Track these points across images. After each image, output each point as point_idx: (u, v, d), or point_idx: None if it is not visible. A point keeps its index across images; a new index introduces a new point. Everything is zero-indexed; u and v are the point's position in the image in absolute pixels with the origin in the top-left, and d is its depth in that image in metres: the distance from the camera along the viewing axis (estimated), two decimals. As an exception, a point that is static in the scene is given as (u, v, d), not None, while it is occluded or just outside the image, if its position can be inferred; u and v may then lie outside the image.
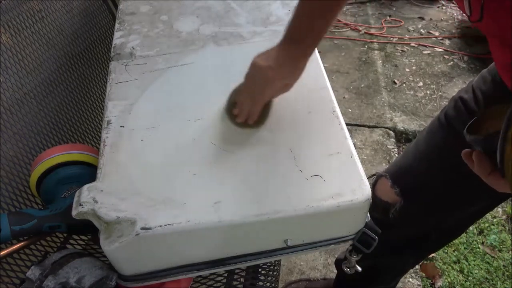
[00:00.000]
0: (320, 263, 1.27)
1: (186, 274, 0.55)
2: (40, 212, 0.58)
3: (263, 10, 0.81)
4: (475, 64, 2.09)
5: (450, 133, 0.65)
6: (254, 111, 0.57)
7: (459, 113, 0.65)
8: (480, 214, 0.76)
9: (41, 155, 0.65)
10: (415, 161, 0.72)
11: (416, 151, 0.72)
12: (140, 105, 0.63)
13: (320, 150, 0.55)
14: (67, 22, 0.95)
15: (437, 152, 0.68)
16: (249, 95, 0.57)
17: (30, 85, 0.81)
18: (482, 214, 0.77)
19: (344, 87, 1.99)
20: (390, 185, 0.72)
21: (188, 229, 0.48)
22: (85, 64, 1.00)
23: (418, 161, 0.71)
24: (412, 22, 2.49)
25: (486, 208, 0.73)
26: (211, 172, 0.54)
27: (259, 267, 0.73)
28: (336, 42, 2.34)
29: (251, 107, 0.57)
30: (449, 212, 0.72)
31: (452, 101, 0.67)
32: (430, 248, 0.88)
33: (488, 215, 1.40)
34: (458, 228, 0.80)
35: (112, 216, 0.49)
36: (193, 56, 0.71)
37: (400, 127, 1.75)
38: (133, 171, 0.54)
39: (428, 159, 0.70)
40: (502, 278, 1.25)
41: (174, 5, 0.84)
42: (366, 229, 0.56)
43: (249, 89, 0.57)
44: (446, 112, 0.67)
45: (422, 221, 0.75)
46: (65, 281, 0.50)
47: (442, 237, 0.81)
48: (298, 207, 0.50)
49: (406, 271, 1.00)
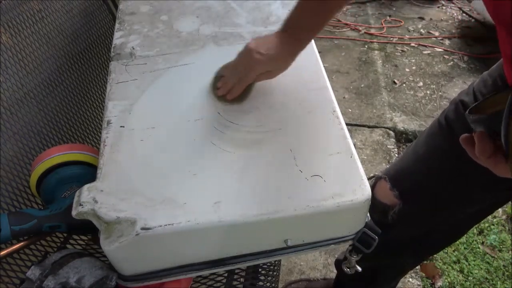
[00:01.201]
0: (320, 263, 1.28)
1: (186, 274, 0.55)
2: (40, 212, 0.58)
3: (263, 10, 0.81)
4: (475, 64, 2.09)
5: (450, 135, 0.65)
6: (235, 89, 0.61)
7: (459, 116, 0.64)
8: (480, 217, 0.76)
9: (41, 155, 0.65)
10: (414, 163, 0.72)
11: (416, 153, 0.72)
12: (140, 105, 0.63)
13: (320, 150, 0.55)
14: (67, 22, 0.95)
15: (436, 155, 0.68)
16: (235, 72, 0.61)
17: (30, 85, 0.81)
18: (482, 217, 0.77)
19: (344, 87, 1.99)
20: (389, 188, 0.72)
21: (188, 229, 0.48)
22: (85, 64, 1.00)
23: (417, 163, 0.71)
24: (412, 22, 2.49)
25: (485, 211, 0.73)
26: (211, 172, 0.54)
27: (259, 267, 0.73)
28: (336, 42, 2.34)
29: (233, 84, 0.61)
30: (448, 214, 0.72)
31: (452, 104, 0.67)
32: (430, 249, 0.88)
33: (488, 215, 1.40)
34: (458, 230, 0.80)
35: (112, 216, 0.49)
36: (193, 56, 0.71)
37: (400, 127, 1.75)
38: (133, 171, 0.54)
39: (427, 161, 0.69)
40: (502, 278, 1.25)
41: (174, 5, 0.84)
42: (366, 229, 0.56)
43: (235, 67, 0.61)
44: (446, 115, 0.67)
45: (421, 223, 0.75)
46: (65, 281, 0.50)
47: (442, 239, 0.81)
48: (298, 207, 0.50)
49: (406, 272, 1.00)
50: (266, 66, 0.59)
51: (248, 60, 0.58)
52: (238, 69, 0.60)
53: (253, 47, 0.57)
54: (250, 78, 0.60)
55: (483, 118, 0.38)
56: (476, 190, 0.65)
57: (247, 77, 0.60)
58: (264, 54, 0.57)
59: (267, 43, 0.58)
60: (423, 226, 0.76)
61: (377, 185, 0.76)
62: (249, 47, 0.58)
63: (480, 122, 0.38)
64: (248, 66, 0.59)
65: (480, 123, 0.38)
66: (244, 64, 0.59)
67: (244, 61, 0.59)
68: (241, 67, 0.60)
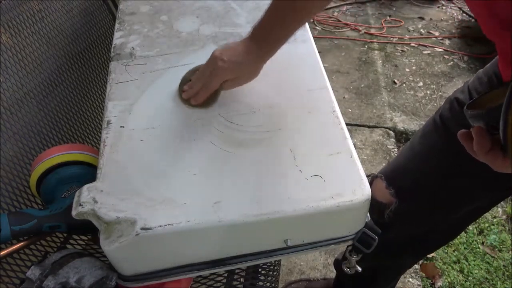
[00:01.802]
0: (320, 263, 1.28)
1: (186, 274, 0.55)
2: (40, 212, 0.58)
3: (263, 10, 0.80)
4: (475, 64, 2.10)
5: (445, 134, 0.65)
6: (199, 95, 0.61)
7: (454, 114, 0.65)
8: (477, 214, 0.76)
9: (41, 155, 0.65)
10: (410, 161, 0.72)
11: (411, 151, 0.72)
12: (140, 105, 0.63)
13: (320, 150, 0.55)
14: (67, 22, 0.95)
15: (433, 153, 0.68)
16: (201, 78, 0.61)
17: (30, 85, 0.81)
18: (479, 215, 0.77)
19: (344, 87, 1.99)
20: (385, 186, 0.72)
21: (188, 229, 0.48)
22: (85, 64, 1.00)
23: (413, 161, 0.71)
24: (412, 22, 2.49)
25: (483, 209, 0.73)
26: (211, 172, 0.54)
27: (259, 267, 0.73)
28: (336, 42, 2.34)
29: (198, 90, 0.61)
30: (445, 212, 0.72)
31: (447, 102, 0.67)
32: (428, 248, 0.88)
33: (488, 215, 1.40)
34: (455, 228, 0.80)
35: (112, 216, 0.49)
36: (193, 57, 0.71)
37: (400, 127, 1.75)
38: (133, 171, 0.54)
39: (423, 159, 0.70)
40: (502, 278, 1.25)
41: (174, 5, 0.84)
42: (366, 229, 0.56)
43: (202, 73, 0.61)
44: (441, 113, 0.67)
45: (419, 221, 0.75)
46: (65, 281, 0.50)
47: (440, 237, 0.81)
48: (298, 207, 0.50)
49: (405, 271, 1.00)
50: (229, 74, 0.59)
51: (213, 66, 0.59)
52: (204, 75, 0.61)
53: (217, 55, 0.58)
54: (214, 85, 0.60)
55: (481, 113, 0.38)
56: (477, 189, 0.65)
57: (211, 84, 0.60)
58: (226, 61, 0.58)
59: (231, 51, 0.59)
60: (422, 224, 0.76)
61: (373, 183, 0.76)
62: (214, 54, 0.59)
63: (478, 117, 0.38)
64: (212, 73, 0.59)
65: (478, 118, 0.38)
66: (209, 70, 0.60)
67: (209, 68, 0.60)
68: (206, 73, 0.60)
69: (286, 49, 0.60)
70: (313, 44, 0.72)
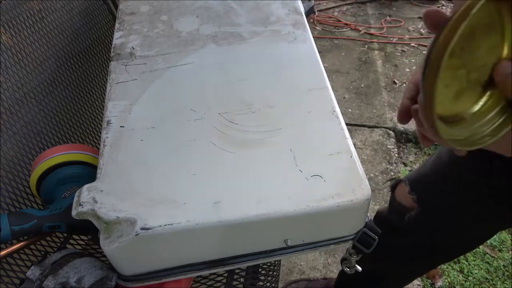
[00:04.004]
0: (320, 263, 1.28)
1: (186, 274, 0.55)
2: (40, 212, 0.58)
3: (263, 10, 0.81)
4: (475, 64, 2.09)
5: None
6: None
7: None
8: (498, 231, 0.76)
9: (41, 155, 0.65)
10: (433, 172, 0.71)
11: (437, 161, 0.71)
12: (140, 105, 0.63)
13: (320, 150, 0.55)
14: (67, 22, 0.95)
15: (456, 169, 0.67)
16: None
17: (30, 85, 0.81)
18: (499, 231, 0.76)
19: (344, 87, 1.99)
20: (408, 191, 0.73)
21: (188, 229, 0.48)
22: (85, 64, 1.00)
23: (436, 172, 0.71)
24: (412, 22, 2.49)
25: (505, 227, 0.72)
26: (211, 172, 0.54)
27: (259, 267, 0.73)
28: (336, 42, 2.34)
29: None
30: (461, 227, 0.71)
31: None
32: (440, 260, 0.87)
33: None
34: (474, 243, 0.78)
35: (112, 216, 0.49)
36: (193, 56, 0.71)
37: (400, 127, 1.75)
38: (133, 171, 0.54)
39: (445, 172, 0.69)
40: (502, 278, 1.25)
41: (174, 5, 0.84)
42: (366, 229, 0.56)
43: None
44: None
45: (434, 232, 0.74)
46: (65, 281, 0.50)
47: (453, 251, 0.81)
48: (298, 207, 0.49)
49: (413, 279, 0.99)
50: None
51: None
52: None
53: None
54: None
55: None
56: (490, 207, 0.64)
57: None
58: None
59: None
60: (435, 236, 0.75)
61: (397, 187, 0.77)
62: None
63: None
64: None
65: None
66: None
67: None
68: None
69: (286, 49, 0.60)
70: (313, 44, 0.72)
